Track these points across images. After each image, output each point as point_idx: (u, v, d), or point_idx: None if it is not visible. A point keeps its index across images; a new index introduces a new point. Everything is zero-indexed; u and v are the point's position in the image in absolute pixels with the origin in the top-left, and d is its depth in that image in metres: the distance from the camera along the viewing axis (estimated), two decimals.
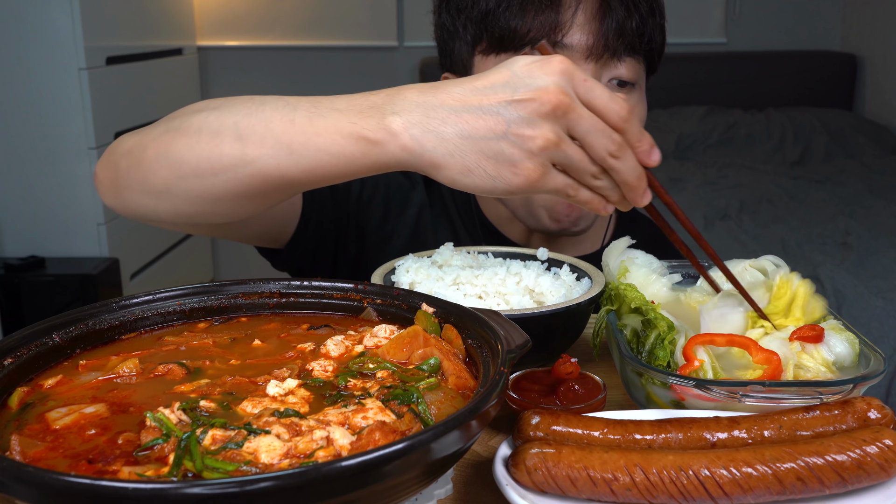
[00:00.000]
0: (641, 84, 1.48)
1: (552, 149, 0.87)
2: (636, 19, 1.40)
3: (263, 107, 0.97)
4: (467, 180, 0.89)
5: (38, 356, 0.84)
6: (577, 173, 0.90)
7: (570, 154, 0.88)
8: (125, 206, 1.13)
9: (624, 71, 1.41)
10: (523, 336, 0.84)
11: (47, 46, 3.37)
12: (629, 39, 1.39)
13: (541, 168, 0.87)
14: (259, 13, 5.03)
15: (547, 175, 0.88)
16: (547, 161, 0.88)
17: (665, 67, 5.33)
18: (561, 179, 0.90)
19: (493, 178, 0.88)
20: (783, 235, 3.59)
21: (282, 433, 0.68)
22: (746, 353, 0.95)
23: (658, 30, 1.47)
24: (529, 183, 0.88)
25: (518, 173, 0.87)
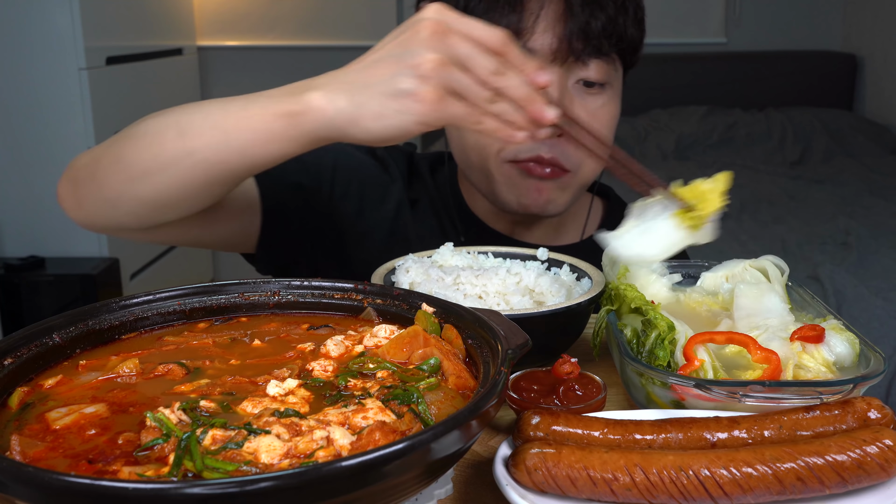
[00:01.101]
0: (614, 82, 1.47)
1: (439, 70, 0.93)
2: (602, 20, 1.38)
3: (202, 105, 1.07)
4: (381, 124, 0.96)
5: (38, 356, 0.84)
6: (471, 97, 0.95)
7: (458, 77, 0.94)
8: (88, 218, 1.20)
9: (592, 72, 1.41)
10: (523, 336, 0.84)
11: (47, 46, 3.37)
12: (595, 41, 1.38)
13: (437, 92, 0.94)
14: (259, 13, 5.03)
15: (445, 101, 0.94)
16: (440, 86, 0.94)
17: (665, 67, 5.32)
18: (460, 107, 0.95)
19: (399, 112, 0.94)
20: (783, 235, 3.59)
21: (282, 433, 0.68)
22: (746, 352, 0.96)
23: (632, 26, 1.45)
24: (432, 108, 0.94)
25: (418, 100, 0.94)
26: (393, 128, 0.96)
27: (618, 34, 1.41)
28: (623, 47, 1.45)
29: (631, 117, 5.03)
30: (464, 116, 0.96)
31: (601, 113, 1.45)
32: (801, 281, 2.46)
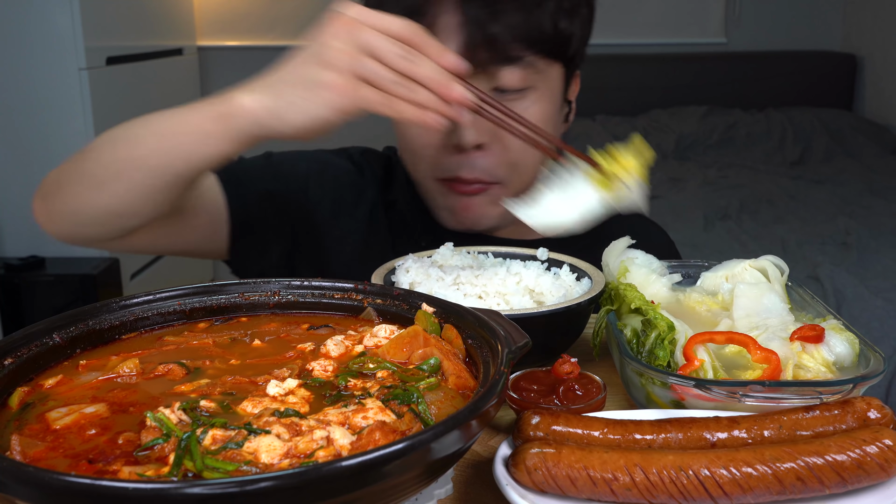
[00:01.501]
0: (540, 84, 1.39)
1: (350, 60, 0.99)
2: (507, 25, 1.30)
3: (149, 116, 1.15)
4: (300, 116, 1.02)
5: (38, 356, 0.84)
6: (383, 84, 1.00)
7: (370, 65, 0.99)
8: (59, 231, 1.25)
9: (505, 80, 1.34)
10: (523, 336, 0.84)
11: (47, 46, 3.37)
12: (500, 49, 1.31)
13: (350, 81, 1.00)
14: (259, 13, 5.03)
15: (358, 89, 1.00)
16: (352, 76, 1.00)
17: (665, 67, 5.32)
18: (373, 93, 1.00)
19: (315, 103, 1.01)
20: (783, 235, 3.59)
21: (282, 433, 0.68)
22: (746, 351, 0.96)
23: (563, 19, 1.37)
24: (344, 95, 1.00)
25: (332, 89, 1.00)
26: (312, 118, 1.01)
27: (533, 35, 1.34)
28: (547, 47, 1.37)
29: (631, 117, 5.04)
30: (377, 101, 1.00)
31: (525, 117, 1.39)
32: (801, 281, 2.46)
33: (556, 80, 1.44)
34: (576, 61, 1.48)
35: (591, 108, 5.08)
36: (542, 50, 1.37)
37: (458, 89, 1.01)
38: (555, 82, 1.44)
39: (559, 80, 1.45)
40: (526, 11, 1.33)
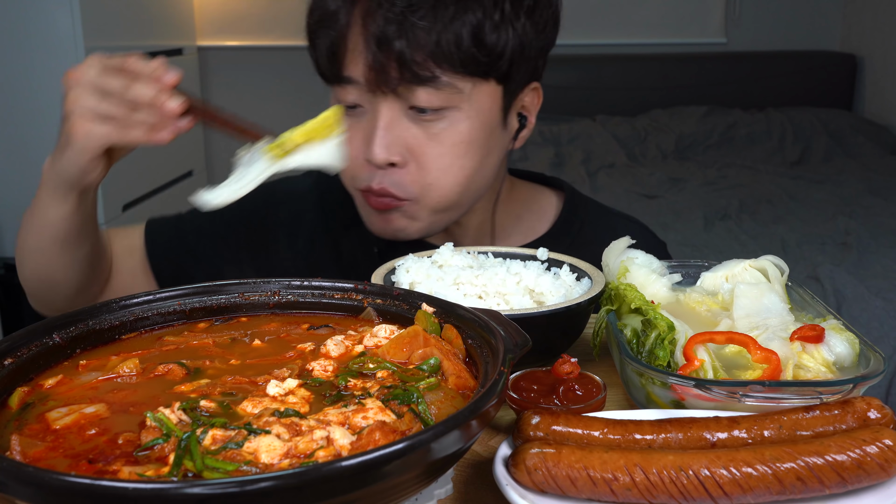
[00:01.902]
0: (462, 104, 1.32)
1: (77, 102, 1.12)
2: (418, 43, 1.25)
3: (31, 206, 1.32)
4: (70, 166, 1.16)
5: (38, 356, 0.84)
6: (112, 115, 1.11)
7: (92, 103, 1.11)
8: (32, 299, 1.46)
9: (421, 99, 1.29)
10: (523, 336, 0.84)
11: (47, 46, 3.37)
12: (409, 68, 1.26)
13: (82, 121, 1.12)
14: (259, 13, 5.04)
15: (90, 127, 1.11)
16: (83, 115, 1.11)
17: (665, 67, 5.34)
18: (105, 128, 1.12)
19: (73, 152, 1.14)
20: (783, 235, 3.59)
21: (282, 433, 0.68)
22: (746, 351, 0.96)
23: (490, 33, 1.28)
24: (81, 137, 1.12)
25: (70, 132, 1.12)
26: (72, 163, 1.16)
27: (448, 54, 1.27)
28: (468, 66, 1.29)
29: (631, 117, 5.04)
30: (110, 133, 1.12)
31: (442, 138, 1.33)
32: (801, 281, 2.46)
33: (485, 100, 1.35)
34: (516, 76, 1.37)
35: (591, 108, 5.08)
36: (462, 69, 1.29)
37: (165, 102, 1.09)
38: (483, 102, 1.35)
39: (490, 100, 1.36)
40: (439, 27, 1.26)
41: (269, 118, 5.17)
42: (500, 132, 1.42)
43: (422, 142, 1.34)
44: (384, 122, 1.33)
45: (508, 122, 1.44)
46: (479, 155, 1.39)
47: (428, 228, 1.44)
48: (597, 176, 4.46)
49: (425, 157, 1.35)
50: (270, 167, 1.11)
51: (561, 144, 4.75)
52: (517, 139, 1.49)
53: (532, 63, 1.39)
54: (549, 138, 4.76)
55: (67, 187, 1.21)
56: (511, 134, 1.47)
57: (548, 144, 4.73)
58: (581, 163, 4.57)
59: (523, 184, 1.65)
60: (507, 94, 1.39)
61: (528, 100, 1.46)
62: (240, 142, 1.15)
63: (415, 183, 1.37)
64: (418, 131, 1.34)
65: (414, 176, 1.36)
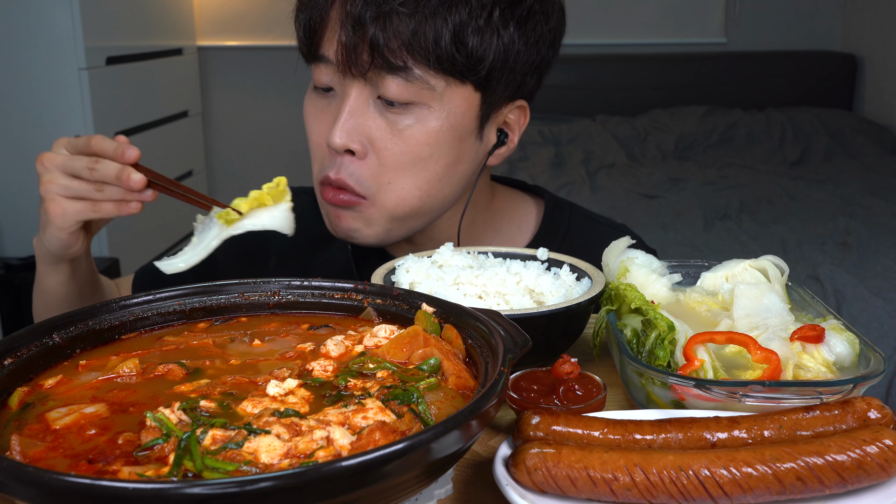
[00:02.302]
0: (433, 102, 1.29)
1: (49, 186, 1.19)
2: (396, 31, 1.23)
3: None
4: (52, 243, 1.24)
5: (38, 356, 0.84)
6: (81, 194, 1.18)
7: (63, 183, 1.18)
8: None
9: (391, 90, 1.26)
10: (523, 336, 0.84)
11: (47, 46, 3.37)
12: (382, 56, 1.24)
13: (56, 202, 1.19)
14: (259, 13, 5.04)
15: (65, 205, 1.19)
16: (56, 196, 1.19)
17: (665, 67, 5.33)
18: (78, 205, 1.19)
19: (52, 232, 1.22)
20: (783, 235, 3.59)
21: (282, 433, 0.68)
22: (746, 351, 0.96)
23: (472, 35, 1.25)
24: (58, 216, 1.19)
25: (48, 213, 1.20)
26: (53, 239, 1.23)
27: (423, 46, 1.23)
28: (444, 64, 1.25)
29: (631, 117, 5.04)
30: (82, 210, 1.19)
31: (407, 134, 1.29)
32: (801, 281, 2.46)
33: (458, 103, 1.30)
34: (497, 87, 1.32)
35: (591, 108, 5.09)
36: (437, 65, 1.25)
37: (133, 179, 1.15)
38: (457, 105, 1.30)
39: (465, 105, 1.31)
40: (419, 18, 1.23)
41: (269, 118, 5.19)
42: (472, 141, 1.36)
43: (385, 134, 1.30)
44: (349, 107, 1.29)
45: (484, 133, 1.38)
46: (445, 160, 1.33)
47: (384, 236, 1.39)
48: (597, 176, 4.46)
49: (386, 151, 1.31)
50: (223, 233, 1.18)
51: (561, 144, 4.76)
52: (493, 155, 1.42)
53: (518, 77, 1.34)
54: (549, 138, 4.77)
55: (55, 260, 1.29)
56: (487, 147, 1.41)
57: (548, 144, 4.73)
58: (581, 163, 4.57)
59: (504, 192, 1.59)
60: (485, 104, 1.34)
61: (511, 117, 1.41)
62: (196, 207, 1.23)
63: (373, 177, 1.32)
64: (383, 123, 1.30)
65: (372, 170, 1.32)
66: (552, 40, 1.37)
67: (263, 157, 5.25)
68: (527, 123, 1.44)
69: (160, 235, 4.14)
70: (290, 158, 5.19)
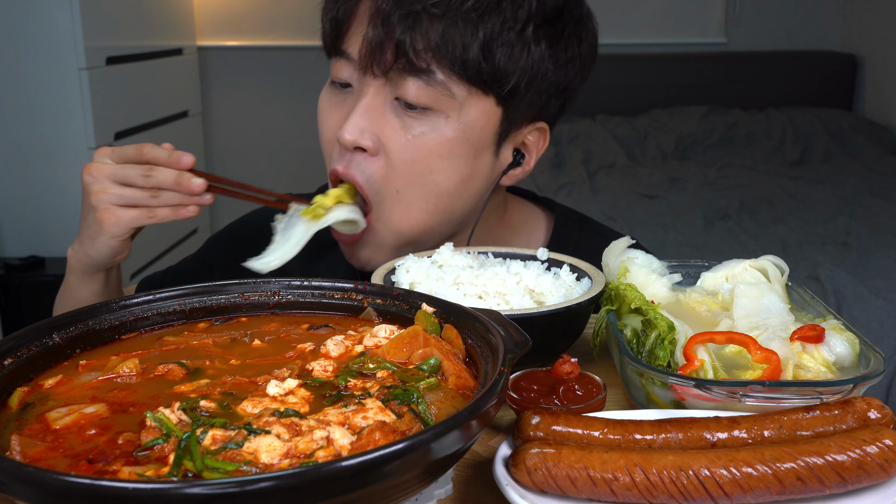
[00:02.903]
0: (451, 112, 1.25)
1: (105, 196, 1.21)
2: (422, 34, 1.19)
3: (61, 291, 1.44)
4: (98, 249, 1.27)
5: (38, 356, 0.84)
6: (136, 201, 1.21)
7: (120, 191, 1.21)
8: None
9: (409, 92, 1.23)
10: (523, 336, 0.84)
11: (47, 46, 3.37)
12: (406, 57, 1.21)
13: (111, 213, 1.22)
14: (259, 13, 5.04)
15: (119, 213, 1.22)
16: (110, 205, 1.22)
17: (665, 67, 5.33)
18: (133, 213, 1.22)
19: (99, 237, 1.25)
20: (783, 235, 3.59)
21: (282, 433, 0.68)
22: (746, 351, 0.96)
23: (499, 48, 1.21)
24: (112, 224, 1.22)
25: (100, 222, 1.22)
26: (104, 248, 1.26)
27: (449, 51, 1.20)
28: (468, 71, 1.22)
29: (631, 117, 5.04)
30: (137, 217, 1.22)
31: (420, 141, 1.25)
32: (801, 281, 2.46)
33: (478, 116, 1.26)
34: (520, 105, 1.28)
35: (591, 108, 5.09)
36: (463, 73, 1.22)
37: (188, 183, 1.19)
38: (475, 118, 1.26)
39: (485, 119, 1.27)
40: (448, 23, 1.20)
41: (269, 118, 5.19)
42: (487, 158, 1.32)
43: (398, 137, 1.26)
44: (365, 104, 1.26)
45: (501, 151, 1.34)
46: (458, 175, 1.29)
47: (370, 257, 1.36)
48: (597, 176, 4.46)
49: (397, 154, 1.27)
50: (311, 227, 1.24)
51: (561, 144, 4.76)
52: (507, 175, 1.38)
53: (543, 97, 1.31)
54: (549, 138, 4.76)
55: (96, 269, 1.32)
56: (502, 166, 1.36)
57: (548, 144, 4.73)
58: (581, 163, 4.58)
59: (515, 205, 1.56)
60: (506, 120, 1.30)
61: (530, 138, 1.37)
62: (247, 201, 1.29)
63: (382, 179, 1.28)
64: (398, 125, 1.26)
65: (382, 171, 1.28)
66: (582, 65, 1.34)
67: (263, 157, 5.25)
68: (545, 147, 1.40)
69: (161, 236, 4.14)
70: (291, 158, 5.19)
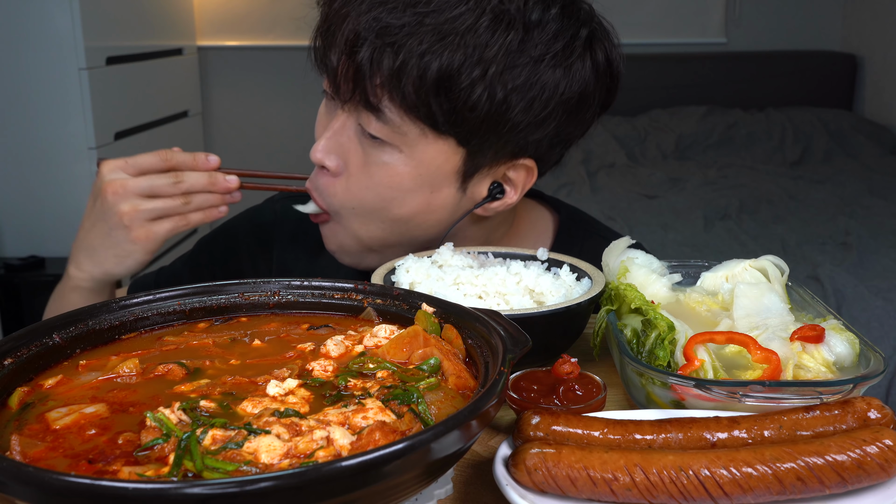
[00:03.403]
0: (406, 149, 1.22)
1: (135, 213, 1.21)
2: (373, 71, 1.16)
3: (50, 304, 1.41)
4: (124, 266, 1.26)
5: (38, 356, 0.84)
6: (169, 211, 1.21)
7: (150, 206, 1.21)
8: None
9: (369, 124, 1.21)
10: (523, 336, 0.84)
11: (47, 46, 3.37)
12: (364, 91, 1.18)
13: (143, 228, 1.21)
14: (259, 13, 5.03)
15: (153, 229, 1.22)
16: (143, 221, 1.21)
17: (665, 67, 5.33)
18: (166, 224, 1.23)
19: (130, 254, 1.24)
20: (783, 235, 3.59)
21: (282, 433, 0.68)
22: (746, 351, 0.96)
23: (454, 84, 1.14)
24: (147, 240, 1.22)
25: (135, 241, 1.22)
26: (133, 264, 1.26)
27: (406, 88, 1.15)
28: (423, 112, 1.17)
29: (631, 117, 5.04)
30: (172, 228, 1.22)
31: (373, 170, 1.24)
32: (801, 281, 2.46)
33: (433, 155, 1.22)
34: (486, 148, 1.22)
35: None
36: (413, 112, 1.17)
37: (224, 181, 1.20)
38: (430, 157, 1.22)
39: (441, 158, 1.23)
40: (406, 55, 1.13)
41: (269, 118, 5.19)
42: (451, 192, 1.28)
43: (358, 163, 1.26)
44: (335, 126, 1.27)
45: (469, 187, 1.28)
46: (411, 208, 1.27)
47: (358, 262, 1.36)
48: (597, 176, 4.46)
49: (354, 179, 1.27)
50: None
51: None
52: (483, 208, 1.32)
53: (518, 139, 1.23)
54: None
55: (105, 286, 1.32)
56: (474, 200, 1.31)
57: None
58: (581, 163, 4.57)
59: (523, 209, 1.52)
60: (469, 160, 1.24)
61: (512, 174, 1.30)
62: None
63: (336, 196, 1.29)
64: (359, 151, 1.26)
65: (339, 190, 1.28)
66: (569, 113, 1.26)
67: (263, 158, 5.25)
68: (534, 182, 1.34)
69: None
70: (290, 158, 5.19)
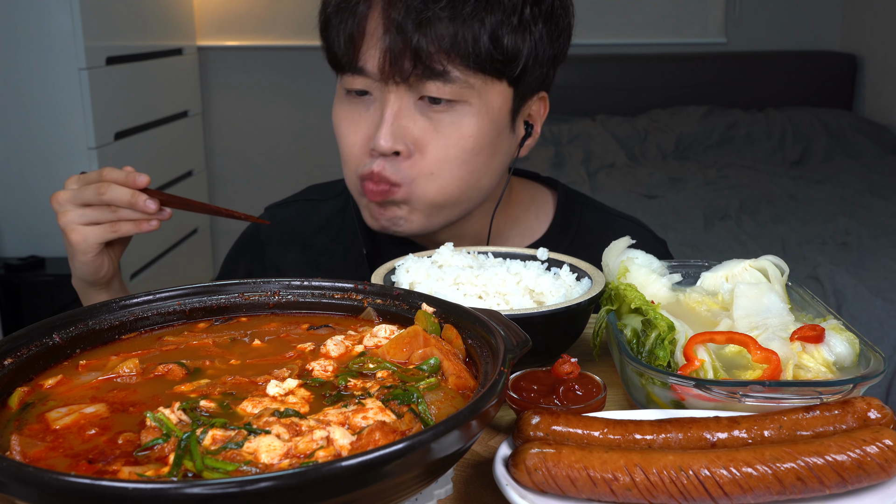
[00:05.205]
0: (473, 99, 1.34)
1: (70, 217, 1.32)
2: (434, 37, 1.27)
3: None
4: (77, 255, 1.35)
5: (38, 356, 0.84)
6: (97, 219, 1.32)
7: (79, 213, 1.32)
8: None
9: (434, 89, 1.32)
10: (523, 336, 0.84)
11: (47, 46, 3.37)
12: (425, 61, 1.29)
13: (76, 232, 1.32)
14: (259, 13, 5.03)
15: (84, 232, 1.32)
16: (75, 226, 1.32)
17: (665, 67, 5.33)
18: (97, 230, 1.32)
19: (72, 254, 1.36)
20: (783, 235, 3.59)
21: (282, 433, 0.68)
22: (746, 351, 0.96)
23: (508, 34, 1.31)
24: (78, 240, 1.33)
25: (73, 244, 1.33)
26: (82, 266, 1.36)
27: (464, 50, 1.29)
28: (483, 63, 1.31)
29: (631, 117, 5.04)
30: (101, 233, 1.32)
31: (450, 131, 1.35)
32: (801, 281, 2.46)
33: (495, 99, 1.37)
34: (527, 81, 1.39)
35: (591, 108, 5.09)
36: (476, 66, 1.32)
37: (143, 203, 1.29)
38: (494, 101, 1.37)
39: (501, 100, 1.38)
40: (458, 23, 1.28)
41: (269, 118, 5.19)
42: (507, 135, 1.43)
43: (428, 133, 1.35)
44: (392, 111, 1.34)
45: (516, 127, 1.45)
46: (485, 154, 1.39)
47: (423, 225, 1.43)
48: (597, 176, 4.46)
49: (429, 147, 1.36)
50: None
51: (561, 144, 4.75)
52: (522, 147, 1.50)
53: (543, 70, 1.41)
54: (549, 138, 4.76)
55: (91, 286, 1.42)
56: (517, 140, 1.48)
57: (548, 144, 4.73)
58: (581, 163, 4.57)
59: (521, 183, 1.65)
60: (517, 98, 1.40)
61: (534, 108, 1.47)
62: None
63: (414, 168, 1.37)
64: (425, 123, 1.35)
65: (417, 166, 1.37)
66: (568, 33, 1.45)
67: (263, 158, 5.25)
68: (547, 112, 1.51)
69: (161, 236, 4.14)
70: (290, 158, 5.19)
